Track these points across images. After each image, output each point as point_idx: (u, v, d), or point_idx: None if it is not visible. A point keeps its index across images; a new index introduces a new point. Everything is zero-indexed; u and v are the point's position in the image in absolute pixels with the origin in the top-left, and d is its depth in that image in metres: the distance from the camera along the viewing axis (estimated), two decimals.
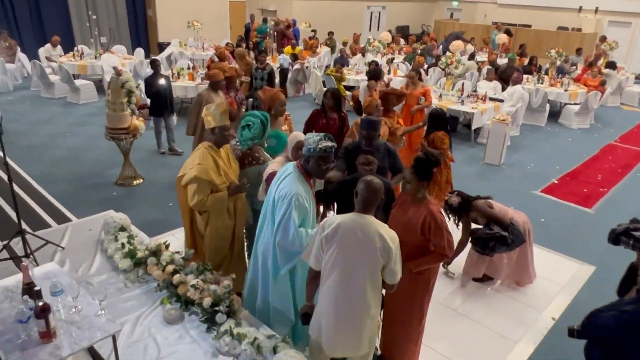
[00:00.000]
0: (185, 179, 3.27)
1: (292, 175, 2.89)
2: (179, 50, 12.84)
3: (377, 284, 2.56)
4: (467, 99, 8.70)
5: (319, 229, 2.58)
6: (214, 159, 3.30)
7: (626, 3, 16.13)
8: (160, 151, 7.43)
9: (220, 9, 16.71)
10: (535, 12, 17.87)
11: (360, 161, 3.39)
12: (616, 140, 9.38)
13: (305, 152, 2.88)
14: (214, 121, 3.32)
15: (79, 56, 11.07)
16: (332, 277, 2.53)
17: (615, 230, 2.82)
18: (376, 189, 2.52)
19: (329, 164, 2.95)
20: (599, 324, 2.54)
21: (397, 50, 14.36)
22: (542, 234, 5.45)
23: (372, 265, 2.50)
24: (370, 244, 2.46)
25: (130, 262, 3.28)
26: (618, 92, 12.22)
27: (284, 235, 2.83)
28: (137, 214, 5.45)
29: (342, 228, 2.50)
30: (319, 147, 2.83)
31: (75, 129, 8.41)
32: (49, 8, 13.79)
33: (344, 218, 2.54)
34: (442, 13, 21.24)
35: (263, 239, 3.05)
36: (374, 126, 3.79)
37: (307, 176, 2.95)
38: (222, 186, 3.31)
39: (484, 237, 4.12)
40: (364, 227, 2.49)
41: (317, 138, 2.86)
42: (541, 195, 6.64)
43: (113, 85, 5.72)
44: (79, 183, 6.30)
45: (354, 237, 2.48)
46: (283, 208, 2.81)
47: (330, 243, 2.51)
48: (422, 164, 3.05)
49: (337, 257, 2.50)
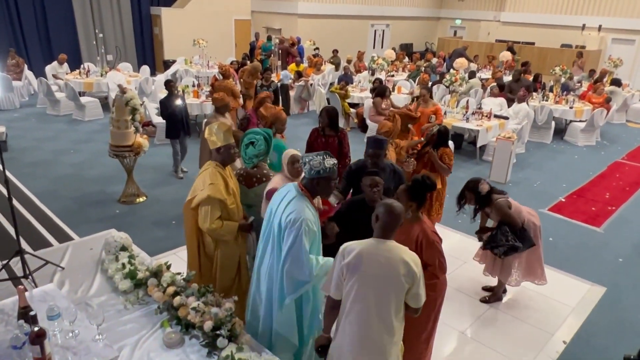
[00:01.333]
0: (197, 200, 3.21)
1: (297, 199, 2.80)
2: (184, 68, 12.93)
3: (401, 309, 2.48)
4: (472, 116, 8.67)
5: (338, 256, 2.50)
6: (224, 178, 3.28)
7: (629, 20, 16.18)
8: (178, 176, 7.16)
9: (226, 27, 16.89)
10: (539, 30, 17.96)
11: (367, 183, 3.31)
12: (623, 157, 9.29)
13: (314, 174, 2.80)
14: (218, 141, 3.29)
15: (85, 74, 11.16)
16: (356, 307, 2.43)
17: None
18: (398, 214, 2.45)
19: (335, 180, 2.91)
20: None
21: (400, 67, 14.42)
22: (550, 254, 5.35)
23: (397, 292, 2.42)
24: (395, 271, 2.39)
25: (130, 283, 3.20)
26: (624, 109, 12.18)
27: (294, 264, 2.72)
28: (139, 232, 5.41)
29: (365, 256, 2.41)
30: (326, 167, 2.77)
31: (79, 146, 8.42)
32: (57, 26, 13.98)
33: (364, 244, 2.45)
34: (446, 31, 21.39)
35: (267, 263, 2.97)
36: (380, 145, 3.74)
37: (311, 197, 2.89)
38: (231, 206, 3.27)
39: (501, 246, 4.01)
40: (386, 253, 2.41)
41: (319, 158, 2.80)
42: (549, 213, 6.55)
43: (117, 102, 5.72)
44: (81, 200, 6.26)
45: (377, 265, 2.40)
46: (292, 235, 2.71)
47: (353, 272, 2.42)
48: (417, 185, 3.05)
49: (361, 286, 2.41)
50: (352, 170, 3.92)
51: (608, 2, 16.55)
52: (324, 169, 2.77)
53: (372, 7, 18.14)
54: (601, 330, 4.13)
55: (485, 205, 4.10)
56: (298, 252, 2.71)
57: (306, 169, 2.82)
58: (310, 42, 14.87)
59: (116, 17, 15.25)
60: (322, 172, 2.77)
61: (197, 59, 13.67)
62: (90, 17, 14.70)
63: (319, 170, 2.77)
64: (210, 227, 3.22)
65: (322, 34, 16.36)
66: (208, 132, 3.32)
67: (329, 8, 16.70)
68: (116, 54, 14.30)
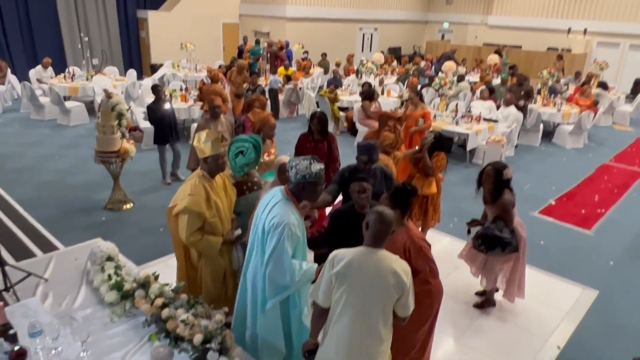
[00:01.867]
0: (176, 209, 3.15)
1: (281, 203, 2.77)
2: (172, 71, 12.79)
3: (389, 318, 2.46)
4: (462, 119, 8.68)
5: (327, 264, 2.46)
6: (206, 190, 3.18)
7: (614, 24, 16.40)
8: (165, 182, 7.00)
9: (214, 31, 16.79)
10: (526, 34, 18.13)
11: (355, 189, 3.27)
12: (611, 160, 9.37)
13: (299, 178, 2.75)
14: (206, 150, 3.20)
15: (70, 78, 10.98)
16: (344, 316, 2.40)
17: None
18: (389, 221, 2.41)
19: (322, 185, 2.87)
20: None
21: (389, 71, 14.43)
22: (542, 257, 5.35)
23: (385, 301, 2.40)
24: (384, 281, 2.36)
25: (116, 295, 3.10)
26: (610, 112, 12.30)
27: (276, 268, 2.69)
28: (126, 240, 5.29)
29: (355, 265, 2.37)
30: (312, 171, 2.73)
31: (64, 152, 8.26)
32: (41, 29, 13.77)
33: (355, 253, 2.41)
34: (434, 34, 21.50)
35: (252, 268, 2.92)
36: (370, 150, 3.69)
37: (297, 202, 2.83)
38: (212, 220, 3.19)
39: (491, 236, 3.94)
40: (377, 263, 2.38)
41: (306, 162, 2.75)
42: (539, 216, 6.55)
43: (103, 107, 5.61)
44: (66, 207, 6.12)
45: (367, 275, 2.37)
46: (275, 239, 2.68)
47: (342, 281, 2.38)
48: (399, 192, 3.03)
49: (350, 295, 2.38)
50: (344, 176, 3.86)
51: (593, 6, 16.77)
52: (310, 174, 2.73)
53: (361, 10, 18.16)
54: (595, 334, 4.11)
55: (498, 192, 4.00)
56: (280, 256, 2.68)
57: (292, 173, 2.77)
58: (299, 45, 14.82)
59: (102, 20, 15.07)
60: (308, 176, 2.73)
61: (184, 63, 13.54)
62: (76, 20, 14.52)
63: (305, 175, 2.73)
64: (189, 239, 3.16)
65: (311, 37, 16.33)
66: (196, 140, 3.24)
67: (317, 11, 16.68)
68: (102, 58, 14.11)
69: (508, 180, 4.02)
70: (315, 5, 16.60)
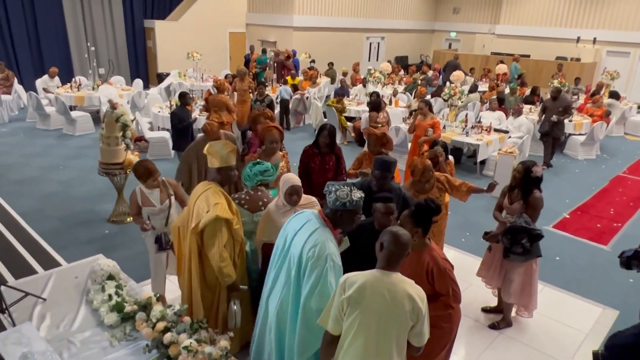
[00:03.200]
0: (203, 222, 2.95)
1: (320, 231, 2.59)
2: (178, 81, 12.74)
3: (403, 346, 2.30)
4: (472, 130, 8.52)
5: (338, 288, 2.30)
6: (225, 197, 3.11)
7: (623, 33, 16.22)
8: None
9: (220, 40, 16.78)
10: (534, 43, 17.97)
11: (381, 210, 3.07)
12: (624, 171, 9.16)
13: (339, 205, 2.59)
14: (220, 161, 3.10)
15: (76, 87, 10.93)
16: (356, 344, 2.25)
17: (624, 253, 2.84)
18: (405, 243, 2.26)
19: (360, 214, 2.73)
20: (620, 344, 2.57)
21: (397, 80, 14.31)
22: (558, 275, 5.16)
23: (400, 328, 2.24)
24: (399, 306, 2.20)
25: (117, 317, 2.96)
26: (622, 122, 12.10)
27: (322, 303, 2.47)
28: (129, 254, 5.17)
29: (368, 289, 2.22)
30: (353, 199, 2.59)
31: (68, 162, 8.16)
32: (48, 39, 13.80)
33: (367, 277, 2.26)
34: (441, 43, 21.39)
35: (277, 296, 2.74)
36: (388, 167, 3.54)
37: (333, 229, 2.68)
38: (236, 227, 3.08)
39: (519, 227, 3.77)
40: (391, 287, 2.22)
41: (347, 190, 2.61)
42: (553, 230, 6.36)
43: (107, 119, 5.51)
44: (69, 220, 6.00)
45: (381, 300, 2.21)
46: (316, 271, 2.50)
47: (354, 306, 2.23)
48: (422, 210, 2.84)
49: (362, 321, 2.23)
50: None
51: (602, 15, 16.61)
52: (351, 202, 2.59)
53: (367, 20, 18.10)
54: None
55: (528, 190, 3.87)
56: (324, 290, 2.49)
57: (331, 199, 2.61)
58: (306, 55, 14.75)
59: (109, 30, 15.10)
60: (348, 204, 2.59)
61: (191, 72, 13.50)
62: (83, 30, 14.54)
63: (345, 202, 2.59)
64: (222, 255, 2.96)
65: (318, 46, 16.26)
66: (209, 149, 3.11)
67: (324, 21, 16.63)
68: (109, 67, 14.11)
69: (537, 179, 3.89)
70: (322, 14, 16.56)
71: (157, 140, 8.55)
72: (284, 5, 16.04)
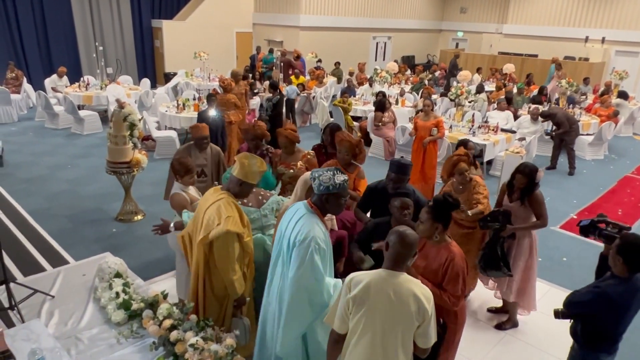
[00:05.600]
0: (214, 234, 2.84)
1: (307, 216, 2.67)
2: (185, 80, 12.80)
3: (409, 347, 2.30)
4: (479, 130, 8.49)
5: (344, 287, 2.32)
6: (237, 209, 2.99)
7: (632, 33, 16.08)
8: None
9: (227, 40, 16.82)
10: (542, 42, 17.86)
11: (397, 204, 3.17)
12: (632, 172, 9.08)
13: (323, 190, 2.65)
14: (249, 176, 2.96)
15: (84, 87, 11.01)
16: (362, 343, 2.26)
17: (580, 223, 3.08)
18: (411, 243, 2.27)
19: (346, 196, 2.78)
20: (577, 301, 2.74)
21: (403, 80, 14.28)
22: (565, 275, 5.14)
23: (405, 329, 2.24)
24: (405, 306, 2.20)
25: (124, 315, 3.00)
26: (630, 122, 12.00)
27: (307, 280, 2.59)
28: (136, 253, 5.21)
29: (373, 289, 2.23)
30: (336, 182, 2.64)
31: (77, 161, 8.23)
32: (57, 39, 13.90)
33: (373, 276, 2.27)
34: (447, 43, 21.31)
35: (276, 285, 2.78)
36: (404, 171, 3.55)
37: (321, 215, 2.74)
38: (247, 239, 3.00)
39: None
40: (396, 287, 2.23)
41: (329, 174, 2.67)
42: (560, 231, 6.32)
43: (115, 118, 5.55)
44: (77, 219, 6.05)
45: (386, 299, 2.21)
46: (301, 253, 2.57)
47: (360, 305, 2.24)
48: (440, 205, 2.85)
49: (368, 321, 2.24)
50: (372, 189, 3.73)
51: (611, 14, 16.47)
52: (334, 185, 2.64)
53: (374, 19, 18.07)
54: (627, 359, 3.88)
55: (529, 192, 3.92)
56: (308, 268, 2.57)
57: (315, 185, 2.68)
58: (312, 54, 14.76)
59: (117, 29, 15.19)
60: (331, 188, 2.64)
61: (198, 72, 13.55)
62: (91, 30, 14.63)
63: (328, 186, 2.63)
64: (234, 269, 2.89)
65: (324, 46, 16.25)
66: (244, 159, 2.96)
67: (330, 20, 16.62)
68: (117, 67, 14.19)
69: (538, 184, 3.95)
70: (329, 14, 16.55)
71: (164, 140, 8.59)
72: (291, 5, 16.05)
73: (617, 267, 2.60)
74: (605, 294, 2.60)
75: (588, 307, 2.69)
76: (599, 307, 2.64)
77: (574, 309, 2.78)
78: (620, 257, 2.56)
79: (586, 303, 2.69)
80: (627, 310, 2.64)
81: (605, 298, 2.60)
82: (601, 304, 2.62)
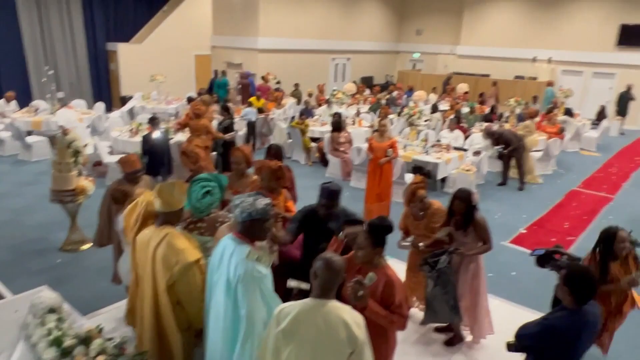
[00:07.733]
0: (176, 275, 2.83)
1: (237, 250, 2.62)
2: (141, 104, 12.61)
3: None
4: (432, 148, 8.69)
5: (272, 321, 2.29)
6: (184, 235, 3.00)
7: (576, 53, 17.00)
8: None
9: (186, 63, 16.75)
10: (493, 63, 18.62)
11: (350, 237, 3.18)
12: (579, 185, 9.49)
13: (245, 217, 2.63)
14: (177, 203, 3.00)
15: (33, 112, 10.67)
16: None
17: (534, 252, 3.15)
18: (338, 269, 2.26)
19: (270, 220, 2.78)
20: (526, 334, 2.70)
21: (362, 100, 14.53)
22: (514, 289, 5.26)
23: (337, 358, 2.20)
24: (334, 334, 2.18)
25: (55, 352, 2.85)
26: (576, 138, 12.57)
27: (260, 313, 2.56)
28: (82, 283, 5.03)
29: (302, 320, 2.20)
30: (257, 208, 2.63)
31: (22, 189, 7.91)
32: (5, 62, 13.52)
33: (301, 306, 2.24)
34: (405, 64, 21.91)
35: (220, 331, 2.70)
36: (333, 196, 3.57)
37: (251, 241, 2.70)
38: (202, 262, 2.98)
39: None
40: (325, 315, 2.20)
41: (251, 199, 2.66)
42: (510, 246, 6.50)
43: (59, 145, 5.39)
44: (20, 249, 5.79)
45: (315, 330, 2.19)
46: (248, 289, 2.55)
47: (289, 339, 2.20)
48: (376, 230, 2.84)
49: (300, 353, 2.20)
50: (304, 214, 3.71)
51: (556, 36, 17.37)
52: (256, 211, 2.62)
53: (332, 41, 18.40)
54: None
55: (471, 218, 3.92)
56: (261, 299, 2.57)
57: (237, 213, 2.64)
58: (272, 76, 14.85)
59: (70, 52, 14.86)
60: (253, 213, 2.62)
61: (154, 95, 13.38)
62: (42, 54, 14.27)
63: (250, 212, 2.62)
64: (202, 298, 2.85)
65: (284, 67, 16.39)
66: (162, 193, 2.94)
67: (289, 43, 16.81)
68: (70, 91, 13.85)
69: (475, 207, 3.98)
70: (287, 36, 16.74)
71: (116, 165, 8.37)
72: (249, 28, 16.15)
73: (565, 298, 2.56)
74: (552, 326, 2.56)
75: (537, 340, 2.62)
76: (547, 340, 2.57)
77: (524, 341, 2.73)
78: (567, 288, 2.52)
79: (534, 335, 2.62)
80: (575, 342, 2.57)
81: (552, 331, 2.55)
82: (549, 336, 2.56)
